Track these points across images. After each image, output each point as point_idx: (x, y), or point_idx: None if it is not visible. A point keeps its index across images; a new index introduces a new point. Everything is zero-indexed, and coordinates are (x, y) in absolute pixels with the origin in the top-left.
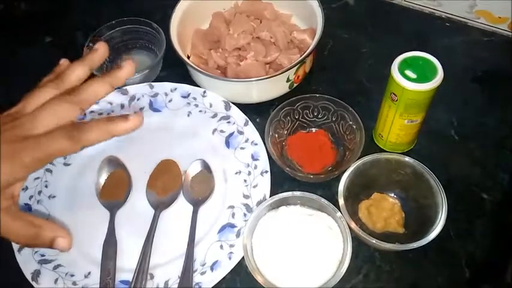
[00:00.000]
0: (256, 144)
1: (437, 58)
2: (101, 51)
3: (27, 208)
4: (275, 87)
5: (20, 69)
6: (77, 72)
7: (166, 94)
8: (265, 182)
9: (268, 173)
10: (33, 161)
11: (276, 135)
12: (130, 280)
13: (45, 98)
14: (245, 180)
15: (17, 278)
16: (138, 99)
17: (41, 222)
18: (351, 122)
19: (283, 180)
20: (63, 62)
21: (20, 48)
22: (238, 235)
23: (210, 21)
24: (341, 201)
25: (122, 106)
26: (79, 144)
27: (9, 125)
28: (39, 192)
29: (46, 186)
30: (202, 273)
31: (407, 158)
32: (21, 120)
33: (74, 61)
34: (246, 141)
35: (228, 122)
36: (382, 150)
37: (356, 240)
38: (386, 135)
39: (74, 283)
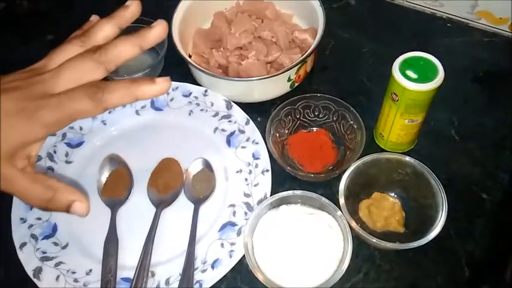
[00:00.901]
0: (257, 143)
1: (438, 58)
2: (132, 8)
3: (29, 205)
4: (276, 86)
5: (21, 67)
6: (105, 30)
7: (167, 93)
8: (266, 180)
9: (269, 172)
10: (53, 121)
11: (277, 135)
12: (132, 278)
13: (70, 55)
14: (246, 179)
15: (18, 275)
16: None
17: (58, 185)
18: (351, 122)
19: (284, 179)
20: (93, 18)
21: (21, 47)
22: (239, 233)
23: (211, 21)
24: (341, 201)
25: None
26: (101, 105)
27: (29, 81)
28: None
29: None
30: (203, 271)
31: (407, 158)
32: (43, 76)
33: (103, 18)
34: (247, 140)
35: (229, 121)
36: (382, 150)
37: (356, 239)
38: (387, 135)
39: (76, 280)
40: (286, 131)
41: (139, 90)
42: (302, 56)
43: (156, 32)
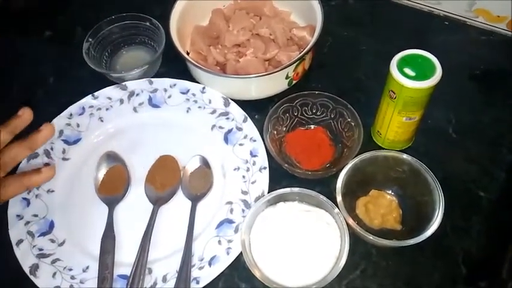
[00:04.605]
0: (255, 140)
1: (435, 56)
2: (24, 117)
3: (26, 203)
4: (274, 84)
5: (19, 63)
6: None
7: (165, 90)
8: (264, 178)
9: (267, 169)
10: None
11: (275, 132)
12: (129, 274)
13: None
14: (244, 176)
15: (15, 272)
16: (137, 95)
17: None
18: (349, 119)
19: (281, 177)
20: None
21: (19, 42)
22: (236, 231)
23: (209, 18)
24: (339, 198)
25: (121, 101)
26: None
27: None
28: (38, 187)
29: None
30: (200, 268)
31: (405, 156)
32: None
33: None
34: (245, 137)
35: (227, 118)
36: (380, 148)
37: (353, 237)
38: (385, 132)
39: (72, 277)
40: (284, 129)
41: (29, 181)
42: (300, 53)
43: (43, 135)
